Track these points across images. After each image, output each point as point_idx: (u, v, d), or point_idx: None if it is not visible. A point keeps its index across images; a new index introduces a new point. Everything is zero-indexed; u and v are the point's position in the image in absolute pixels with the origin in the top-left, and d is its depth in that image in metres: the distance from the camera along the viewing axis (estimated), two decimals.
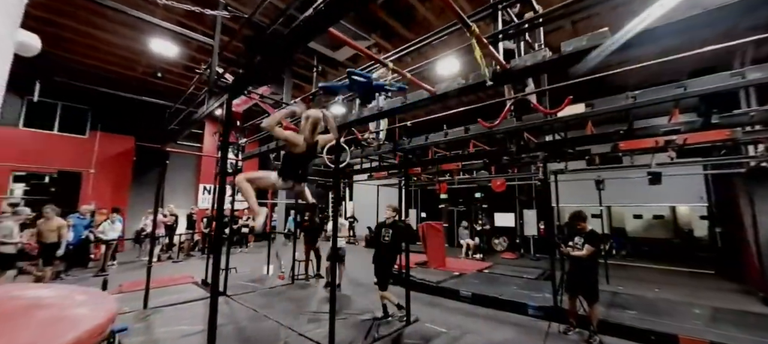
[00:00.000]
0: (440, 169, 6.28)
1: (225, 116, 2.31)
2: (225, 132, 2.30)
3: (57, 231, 5.45)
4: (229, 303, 4.87)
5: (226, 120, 2.31)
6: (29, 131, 10.44)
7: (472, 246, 10.94)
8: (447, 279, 6.45)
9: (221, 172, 2.21)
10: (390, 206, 4.69)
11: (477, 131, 3.46)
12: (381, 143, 4.61)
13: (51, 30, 8.11)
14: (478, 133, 3.46)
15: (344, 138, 4.53)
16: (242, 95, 3.64)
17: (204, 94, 3.16)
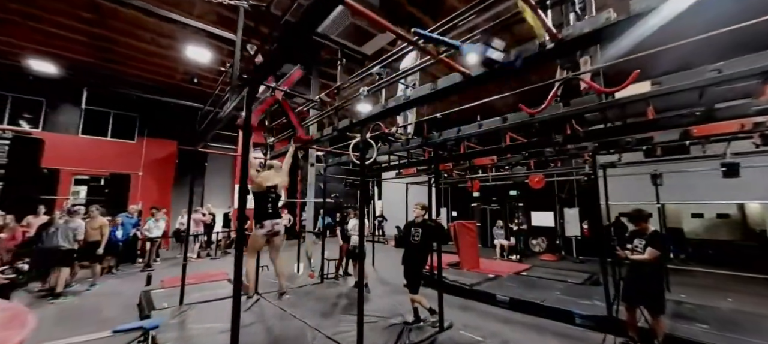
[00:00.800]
0: (473, 164, 5.89)
1: (245, 111, 2.20)
2: (245, 127, 2.19)
3: (99, 229, 5.79)
4: (259, 301, 4.89)
5: (247, 115, 2.20)
6: (87, 138, 11.45)
7: (508, 247, 10.34)
8: (481, 282, 6.06)
9: (242, 170, 2.10)
10: (418, 204, 4.45)
11: (516, 120, 3.10)
12: (409, 138, 4.38)
13: (105, 45, 8.80)
14: (517, 123, 3.10)
15: (370, 133, 4.35)
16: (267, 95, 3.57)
17: (228, 93, 3.13)
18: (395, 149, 4.67)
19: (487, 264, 7.93)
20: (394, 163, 6.36)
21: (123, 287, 6.33)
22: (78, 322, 4.50)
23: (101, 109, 11.74)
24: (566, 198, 11.57)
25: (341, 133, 4.55)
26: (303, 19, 1.53)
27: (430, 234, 4.25)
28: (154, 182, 12.28)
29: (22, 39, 8.39)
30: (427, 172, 6.75)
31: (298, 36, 1.64)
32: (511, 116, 3.16)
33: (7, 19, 7.61)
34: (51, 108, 10.95)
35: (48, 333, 4.16)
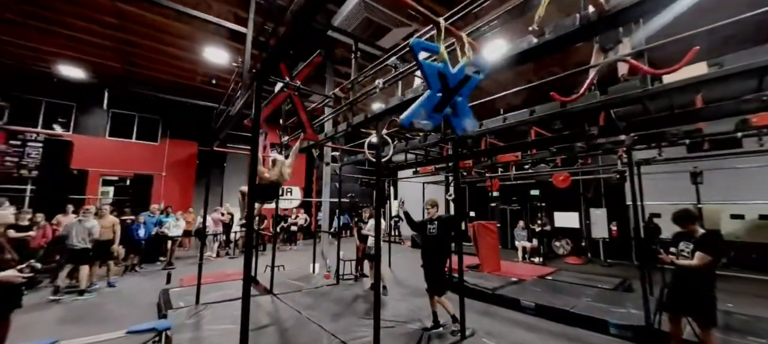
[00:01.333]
0: (495, 162, 5.58)
1: (254, 106, 2.08)
2: (254, 123, 2.07)
3: (111, 227, 5.90)
4: (275, 301, 4.83)
5: (255, 110, 2.08)
6: (113, 140, 11.90)
7: (530, 249, 9.90)
8: (504, 286, 5.76)
9: (251, 167, 1.97)
10: (429, 202, 4.22)
11: (545, 112, 2.84)
12: (427, 133, 4.17)
13: (129, 49, 9.09)
14: (546, 115, 2.83)
15: (387, 130, 4.18)
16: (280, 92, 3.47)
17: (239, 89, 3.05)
18: (412, 146, 4.47)
19: (508, 267, 7.59)
20: (411, 161, 6.17)
21: (145, 285, 6.46)
22: (98, 319, 4.58)
23: (127, 112, 12.19)
24: (592, 198, 10.98)
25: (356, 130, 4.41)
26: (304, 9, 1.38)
27: (447, 225, 4.06)
28: (176, 182, 12.63)
29: (53, 46, 8.78)
30: (445, 171, 6.49)
31: (304, 20, 1.49)
32: (539, 108, 2.90)
33: (39, 27, 7.97)
34: (81, 112, 11.45)
35: (67, 330, 4.25)
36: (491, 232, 7.31)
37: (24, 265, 1.91)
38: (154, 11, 7.32)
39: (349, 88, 3.44)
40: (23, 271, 1.90)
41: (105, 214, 5.86)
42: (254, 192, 2.14)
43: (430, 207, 4.18)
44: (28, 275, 1.92)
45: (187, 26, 7.96)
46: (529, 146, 4.11)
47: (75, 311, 4.93)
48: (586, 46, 2.53)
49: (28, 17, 7.52)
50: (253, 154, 2.06)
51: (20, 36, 8.26)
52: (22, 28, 7.93)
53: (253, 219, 2.27)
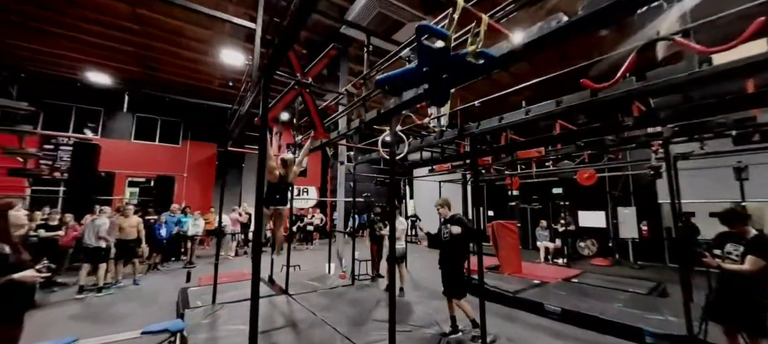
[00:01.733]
0: (516, 158, 5.30)
1: (261, 102, 1.99)
2: (263, 117, 1.98)
3: (136, 227, 6.03)
4: (290, 302, 4.79)
5: (263, 107, 1.99)
6: (138, 143, 12.37)
7: (553, 250, 9.48)
8: (526, 289, 5.49)
9: (259, 166, 1.88)
10: (439, 203, 4.05)
11: (574, 102, 2.59)
12: (443, 129, 3.99)
13: (149, 55, 9.38)
14: (575, 105, 2.59)
15: (401, 127, 4.04)
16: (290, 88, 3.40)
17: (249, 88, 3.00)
18: (428, 143, 4.30)
19: (530, 269, 7.27)
20: (426, 159, 5.98)
21: (166, 283, 6.62)
22: (118, 317, 4.69)
23: (150, 115, 12.64)
24: (620, 196, 10.39)
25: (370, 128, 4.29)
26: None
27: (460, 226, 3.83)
28: (197, 183, 12.98)
29: (81, 53, 9.18)
30: (462, 168, 6.26)
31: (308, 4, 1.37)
32: (568, 98, 2.66)
33: (66, 35, 8.34)
34: (108, 116, 11.97)
35: (87, 328, 4.36)
36: (511, 232, 7.01)
37: (40, 265, 1.90)
38: (171, 14, 7.49)
39: (362, 84, 3.32)
40: (41, 271, 1.89)
41: (129, 214, 6.00)
42: (262, 191, 2.04)
43: (440, 207, 4.00)
44: (46, 275, 1.90)
45: (205, 30, 8.12)
46: (554, 140, 3.84)
47: (97, 308, 5.08)
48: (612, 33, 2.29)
49: (58, 26, 7.87)
50: (261, 152, 1.97)
51: (51, 45, 8.67)
52: (52, 37, 8.32)
53: (263, 220, 2.19)
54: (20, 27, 7.81)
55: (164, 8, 7.26)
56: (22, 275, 1.83)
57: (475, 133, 3.52)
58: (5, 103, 4.88)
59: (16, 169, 5.33)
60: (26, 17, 7.42)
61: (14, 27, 7.78)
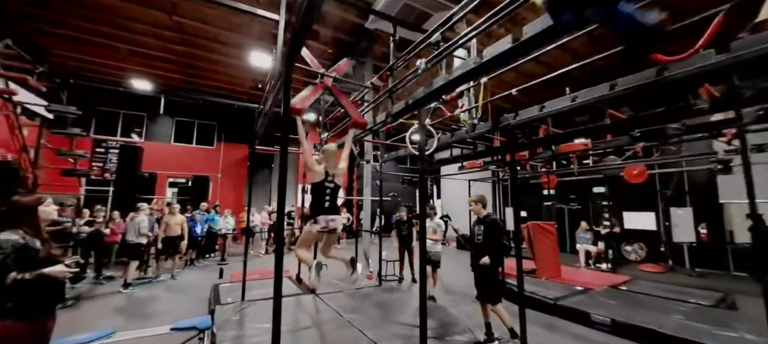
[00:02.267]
0: (557, 152, 4.84)
1: (283, 87, 1.87)
2: (284, 107, 1.87)
3: (180, 225, 6.28)
4: (317, 302, 4.72)
5: (285, 91, 1.88)
6: (177, 145, 13.10)
7: (595, 254, 8.75)
8: (568, 296, 5.03)
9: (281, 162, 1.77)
10: (472, 199, 3.74)
11: (631, 85, 2.22)
12: (475, 122, 3.72)
13: (187, 61, 9.89)
14: (635, 86, 2.21)
15: (430, 121, 3.82)
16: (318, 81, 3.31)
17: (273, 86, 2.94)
18: (458, 138, 4.04)
19: (570, 273, 6.72)
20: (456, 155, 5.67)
21: (201, 279, 6.86)
22: (155, 312, 4.89)
23: (188, 119, 13.36)
24: (674, 195, 9.39)
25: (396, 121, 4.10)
26: None
27: (492, 232, 3.58)
28: (231, 183, 13.51)
29: (126, 62, 9.85)
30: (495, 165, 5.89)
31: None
32: (622, 80, 2.30)
33: (114, 46, 8.97)
34: (150, 121, 12.80)
35: (124, 320, 4.57)
36: (549, 234, 6.51)
37: (70, 261, 1.91)
38: (204, 19, 7.79)
39: (388, 75, 3.14)
40: (70, 267, 1.90)
41: (175, 212, 6.30)
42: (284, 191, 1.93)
43: (474, 204, 3.69)
44: (75, 270, 1.91)
45: (237, 34, 8.38)
46: (604, 130, 3.42)
47: (138, 301, 5.34)
48: None
49: (104, 37, 8.47)
50: (283, 148, 1.86)
51: (97, 55, 9.38)
52: (97, 48, 8.99)
53: (284, 219, 2.08)
54: (70, 40, 8.51)
55: (198, 13, 7.59)
56: (52, 270, 1.85)
57: (512, 125, 3.21)
58: (57, 108, 5.28)
59: (68, 170, 5.74)
60: (75, 30, 8.06)
61: (64, 40, 8.50)
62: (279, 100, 2.51)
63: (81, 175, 5.71)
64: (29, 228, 1.89)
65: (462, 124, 4.28)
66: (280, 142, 1.81)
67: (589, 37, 2.66)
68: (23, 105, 4.74)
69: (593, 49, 3.14)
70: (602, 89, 2.47)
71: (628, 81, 2.28)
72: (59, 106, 5.28)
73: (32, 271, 1.79)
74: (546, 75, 2.94)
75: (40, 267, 1.84)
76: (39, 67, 5.31)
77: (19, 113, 4.74)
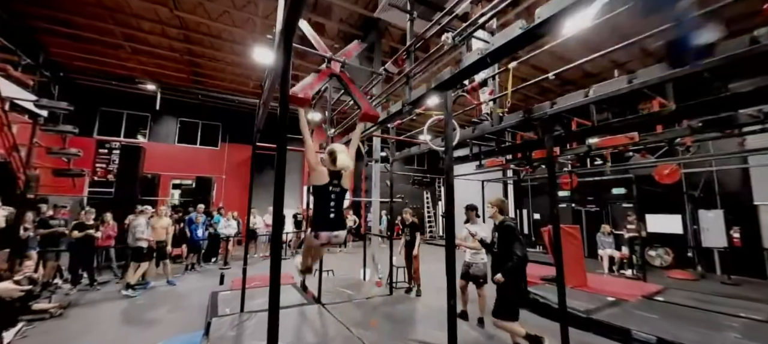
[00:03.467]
0: (595, 147, 4.33)
1: (282, 61, 1.48)
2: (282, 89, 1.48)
3: (165, 229, 5.94)
4: (322, 313, 4.31)
5: (285, 67, 1.48)
6: (181, 146, 12.85)
7: (618, 259, 8.21)
8: (600, 308, 4.54)
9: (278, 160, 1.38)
10: (490, 202, 3.45)
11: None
12: (502, 113, 3.28)
13: (191, 59, 9.63)
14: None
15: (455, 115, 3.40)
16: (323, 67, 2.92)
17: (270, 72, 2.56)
18: (482, 132, 3.61)
19: (596, 281, 6.20)
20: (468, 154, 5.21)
21: (200, 284, 6.53)
22: (147, 321, 4.53)
23: (192, 119, 13.12)
24: (701, 196, 8.80)
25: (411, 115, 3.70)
26: None
27: (505, 238, 3.31)
28: (235, 184, 13.22)
29: (130, 61, 9.63)
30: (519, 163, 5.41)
31: None
32: None
33: (118, 44, 8.74)
34: (154, 121, 12.58)
35: (118, 330, 4.21)
36: (573, 239, 6.01)
37: (21, 277, 1.53)
38: (207, 15, 7.50)
39: (404, 58, 2.74)
40: (21, 284, 1.52)
41: (161, 215, 5.97)
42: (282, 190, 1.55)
43: (492, 207, 3.43)
44: (26, 288, 1.53)
45: (241, 30, 8.07)
46: (657, 120, 2.94)
47: (132, 310, 5.00)
48: None
49: (110, 36, 8.25)
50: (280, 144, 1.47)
51: (102, 54, 9.17)
52: (101, 47, 8.77)
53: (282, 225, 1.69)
54: (73, 38, 8.30)
55: (200, 9, 7.31)
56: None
57: (550, 114, 2.77)
58: (46, 104, 4.99)
59: (61, 170, 5.45)
60: (77, 27, 7.84)
61: (68, 37, 8.29)
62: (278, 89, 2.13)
63: (74, 176, 5.40)
64: None
65: (483, 117, 3.85)
66: (277, 134, 1.42)
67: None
68: (12, 100, 4.46)
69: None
70: (658, 70, 2.03)
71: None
72: (49, 101, 4.99)
73: None
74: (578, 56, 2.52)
75: None
76: (24, 59, 5.04)
77: (8, 109, 4.44)
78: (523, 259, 3.29)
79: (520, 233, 3.40)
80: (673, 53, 1.15)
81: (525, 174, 6.47)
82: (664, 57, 1.21)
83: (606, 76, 2.71)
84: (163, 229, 5.88)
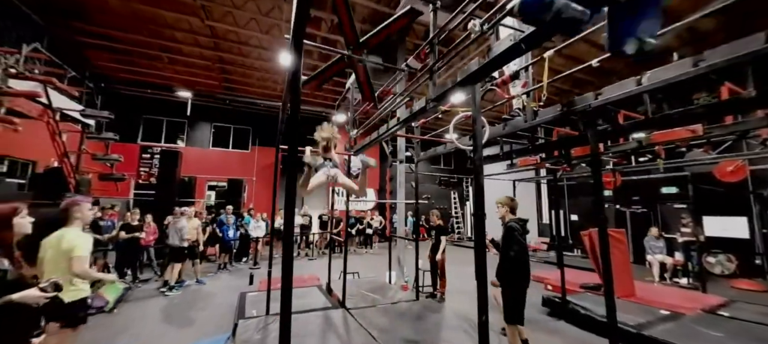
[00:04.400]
0: (648, 142, 3.84)
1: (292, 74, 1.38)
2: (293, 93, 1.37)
3: (195, 230, 6.17)
4: (346, 318, 4.22)
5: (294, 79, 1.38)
6: (215, 150, 13.49)
7: (670, 266, 7.41)
8: (654, 322, 4.05)
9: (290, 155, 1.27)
10: (499, 202, 3.39)
11: None
12: (538, 107, 2.99)
13: (222, 66, 10.04)
14: None
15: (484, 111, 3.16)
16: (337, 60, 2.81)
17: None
18: (514, 128, 3.32)
19: (645, 291, 5.59)
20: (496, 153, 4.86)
21: (231, 283, 6.73)
22: (180, 321, 4.70)
23: (224, 124, 13.73)
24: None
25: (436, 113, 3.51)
26: None
27: (506, 237, 3.24)
28: (264, 186, 13.64)
29: (166, 71, 10.22)
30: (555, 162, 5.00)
31: None
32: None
33: (156, 55, 9.31)
34: (191, 127, 13.31)
35: (157, 327, 4.39)
36: (619, 243, 5.45)
37: (46, 284, 1.55)
38: (236, 21, 7.75)
39: (427, 51, 2.55)
40: (46, 290, 1.53)
41: (191, 217, 6.23)
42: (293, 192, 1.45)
43: (500, 207, 3.36)
44: (52, 294, 1.54)
45: (267, 36, 8.26)
46: (730, 109, 2.52)
47: (170, 309, 5.22)
48: None
49: (148, 48, 8.80)
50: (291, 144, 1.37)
51: (142, 65, 9.82)
52: (143, 59, 9.38)
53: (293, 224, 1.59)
54: (116, 52, 8.96)
55: (228, 16, 7.56)
56: (23, 295, 1.49)
57: (593, 106, 2.45)
58: (90, 112, 5.38)
59: (104, 174, 5.84)
60: (118, 41, 8.43)
61: (111, 51, 8.95)
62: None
63: (116, 180, 5.76)
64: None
65: (515, 113, 3.56)
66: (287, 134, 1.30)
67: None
68: (62, 111, 4.83)
69: None
70: (749, 44, 1.67)
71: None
72: (93, 110, 5.39)
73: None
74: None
75: (8, 292, 1.49)
76: (70, 72, 5.45)
77: (59, 119, 4.81)
78: (515, 261, 3.14)
79: (521, 232, 3.21)
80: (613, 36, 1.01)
81: (562, 174, 5.98)
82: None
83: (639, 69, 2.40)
84: (195, 230, 6.13)
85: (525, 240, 3.22)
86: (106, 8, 7.13)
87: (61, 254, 2.39)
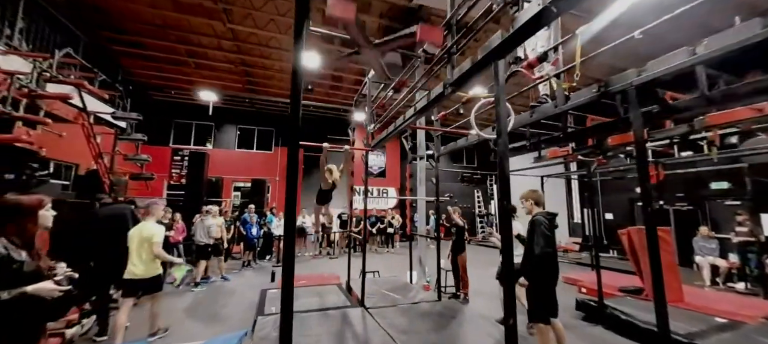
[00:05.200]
0: (699, 128, 3.38)
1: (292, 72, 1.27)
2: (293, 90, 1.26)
3: (219, 228, 6.30)
4: (366, 317, 4.10)
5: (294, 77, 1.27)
6: (240, 151, 13.91)
7: (724, 269, 6.67)
8: (708, 331, 3.60)
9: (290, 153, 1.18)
10: (524, 196, 3.29)
11: None
12: (568, 92, 2.70)
13: (244, 69, 10.31)
14: None
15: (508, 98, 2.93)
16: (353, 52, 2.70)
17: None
18: (542, 115, 3.05)
19: (695, 296, 5.04)
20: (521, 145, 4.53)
21: (254, 281, 6.83)
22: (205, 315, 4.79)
23: (248, 126, 14.13)
24: None
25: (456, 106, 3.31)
26: None
27: (530, 232, 3.06)
28: None
29: (193, 76, 10.64)
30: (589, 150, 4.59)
31: None
32: None
33: (183, 61, 9.70)
34: (217, 130, 13.81)
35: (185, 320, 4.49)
36: (665, 243, 4.91)
37: (61, 277, 1.54)
38: (257, 23, 7.89)
39: (446, 33, 2.37)
40: (61, 284, 1.52)
41: (215, 215, 6.39)
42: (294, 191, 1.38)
43: (524, 201, 3.29)
44: (66, 288, 1.53)
45: (287, 36, 8.37)
46: None
47: (195, 304, 5.36)
48: None
49: (176, 54, 9.20)
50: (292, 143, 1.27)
51: (173, 71, 10.28)
52: (172, 65, 9.82)
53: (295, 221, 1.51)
54: (148, 59, 9.44)
55: (249, 19, 7.72)
56: (37, 288, 1.49)
57: (635, 86, 2.15)
58: (120, 115, 5.66)
59: (134, 174, 6.13)
60: (149, 49, 8.88)
61: (143, 59, 9.45)
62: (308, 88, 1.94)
63: (145, 179, 6.02)
64: (19, 235, 1.58)
65: (542, 99, 3.28)
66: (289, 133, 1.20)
67: None
68: (96, 114, 5.10)
69: None
70: None
71: None
72: (123, 112, 5.68)
73: (11, 289, 1.45)
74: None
75: (23, 284, 1.49)
76: (100, 75, 5.75)
77: (93, 122, 5.07)
78: (540, 257, 2.91)
79: (548, 226, 2.97)
80: None
81: (596, 167, 5.53)
82: None
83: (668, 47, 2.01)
84: (218, 228, 6.29)
85: (553, 234, 2.97)
86: (140, 18, 7.53)
87: (143, 240, 3.38)
